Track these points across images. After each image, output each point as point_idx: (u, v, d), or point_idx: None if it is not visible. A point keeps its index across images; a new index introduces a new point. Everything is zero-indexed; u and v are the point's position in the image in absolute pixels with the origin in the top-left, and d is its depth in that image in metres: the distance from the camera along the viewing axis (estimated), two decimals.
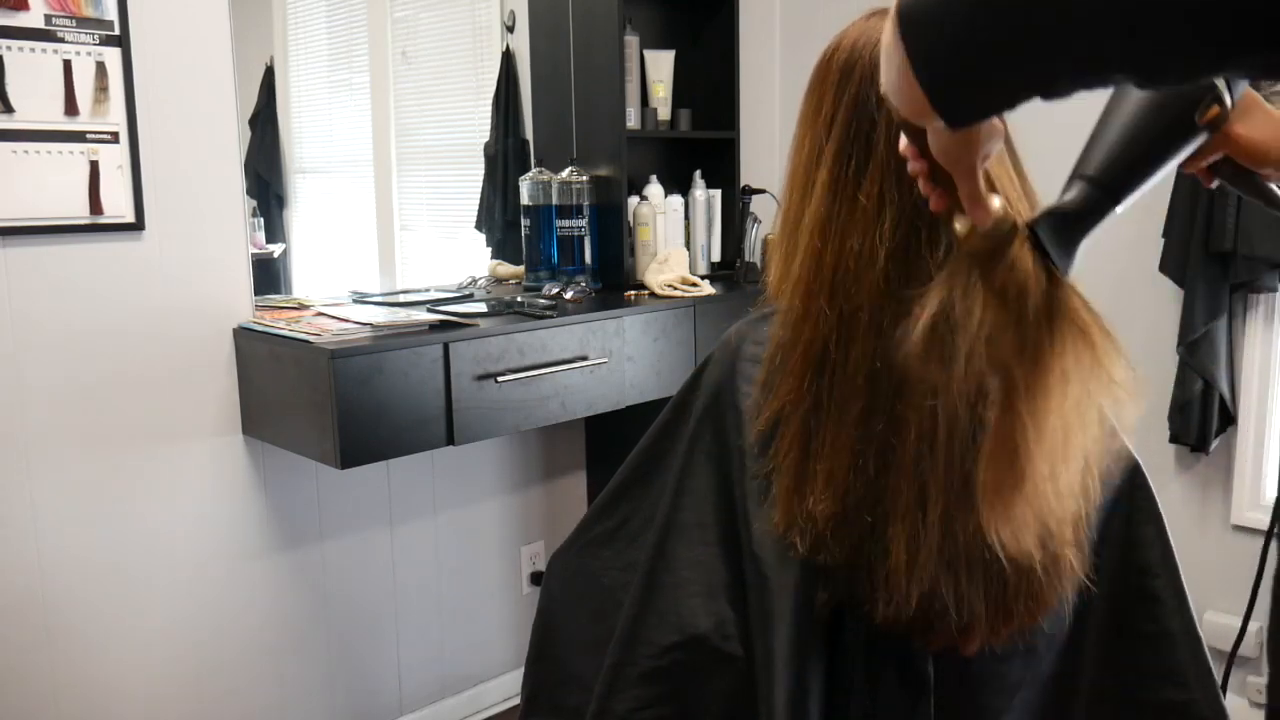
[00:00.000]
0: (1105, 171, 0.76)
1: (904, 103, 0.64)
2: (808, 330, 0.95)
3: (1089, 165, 0.77)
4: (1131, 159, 0.76)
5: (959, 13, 0.56)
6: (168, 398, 2.02)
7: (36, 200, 1.82)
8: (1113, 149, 0.76)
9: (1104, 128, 0.78)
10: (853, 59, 0.94)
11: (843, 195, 0.94)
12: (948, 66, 0.59)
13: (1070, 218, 0.75)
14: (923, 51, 0.59)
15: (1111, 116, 0.78)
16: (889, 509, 0.91)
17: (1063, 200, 0.76)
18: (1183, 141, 0.76)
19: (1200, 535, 2.43)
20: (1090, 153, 0.77)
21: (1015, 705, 1.03)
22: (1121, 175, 0.76)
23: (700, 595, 1.05)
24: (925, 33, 0.59)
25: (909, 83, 0.60)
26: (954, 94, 0.60)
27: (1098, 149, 0.77)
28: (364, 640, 2.42)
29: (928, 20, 0.58)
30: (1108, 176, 0.75)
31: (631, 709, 1.06)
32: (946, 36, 0.58)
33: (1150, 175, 0.76)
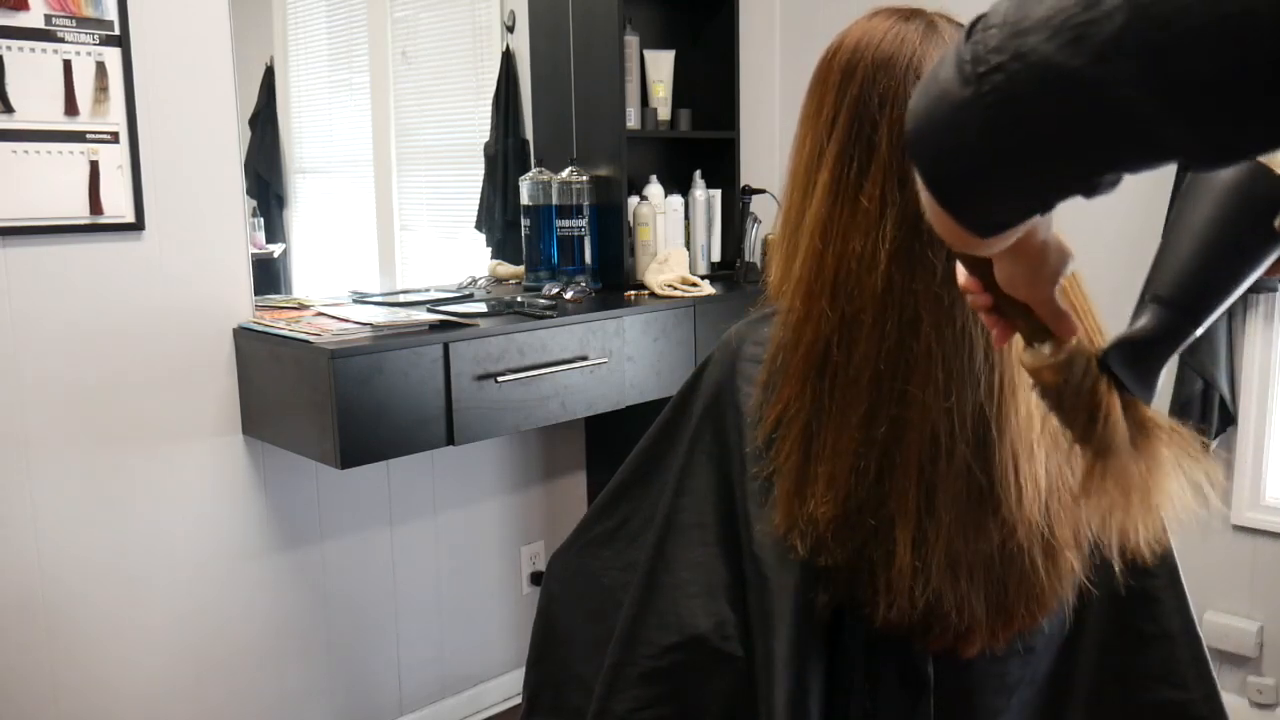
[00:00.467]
0: (1180, 292, 0.69)
1: (942, 230, 0.60)
2: (809, 332, 0.95)
3: (1161, 285, 0.70)
4: (1208, 276, 0.69)
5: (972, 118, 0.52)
6: (168, 398, 2.02)
7: (36, 200, 1.82)
8: (1185, 265, 0.69)
9: (1173, 241, 0.71)
10: (854, 59, 0.93)
11: (844, 197, 0.93)
12: (964, 174, 0.55)
13: (1145, 347, 0.69)
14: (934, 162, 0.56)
15: (1180, 227, 0.71)
16: (894, 512, 0.91)
17: (1135, 327, 0.70)
18: (1262, 251, 0.69)
19: (1200, 535, 2.43)
20: (1160, 270, 0.71)
21: (1014, 705, 1.03)
22: (1198, 294, 0.69)
23: (700, 596, 1.05)
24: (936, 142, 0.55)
25: (933, 204, 0.57)
26: (975, 203, 0.56)
27: (1168, 266, 0.70)
28: (364, 640, 2.42)
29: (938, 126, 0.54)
30: (1184, 297, 0.69)
31: (631, 709, 1.06)
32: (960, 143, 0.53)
33: (1230, 291, 0.69)
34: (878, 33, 0.93)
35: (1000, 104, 0.50)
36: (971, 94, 0.51)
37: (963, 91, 0.51)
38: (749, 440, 1.02)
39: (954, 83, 0.52)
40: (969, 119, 0.52)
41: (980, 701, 1.02)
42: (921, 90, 0.56)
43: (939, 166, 0.55)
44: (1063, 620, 1.03)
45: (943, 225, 0.59)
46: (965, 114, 0.52)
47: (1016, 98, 0.49)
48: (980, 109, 0.51)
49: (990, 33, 0.50)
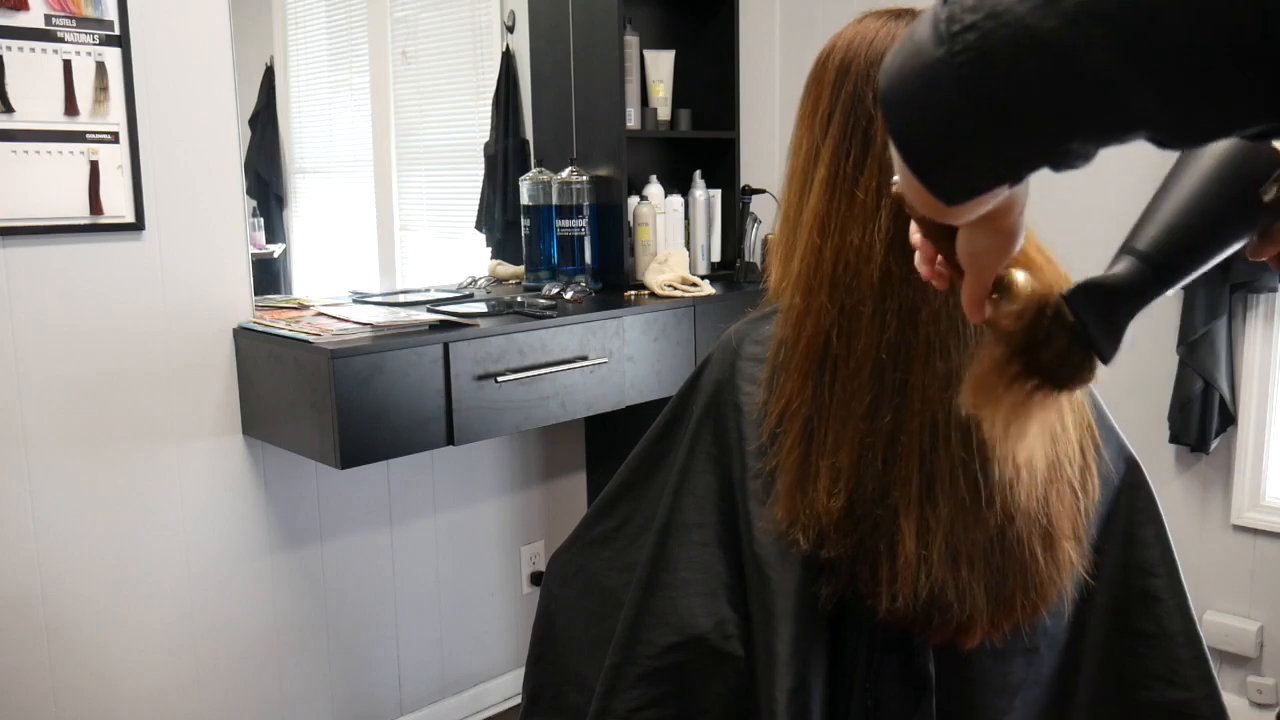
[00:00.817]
0: (1158, 249, 0.69)
1: (911, 193, 0.59)
2: (810, 326, 0.95)
3: (1140, 239, 0.70)
4: (1188, 238, 0.69)
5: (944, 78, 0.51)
6: (168, 398, 2.02)
7: (36, 200, 1.82)
8: (1168, 225, 0.69)
9: (1160, 201, 0.71)
10: (848, 58, 0.95)
11: (841, 191, 0.94)
12: (935, 137, 0.54)
13: (1114, 293, 0.68)
14: (906, 123, 0.55)
15: (1169, 189, 0.72)
16: (897, 501, 0.92)
17: (1108, 274, 0.70)
18: (1246, 224, 0.69)
19: (1200, 535, 2.43)
20: (1143, 227, 0.71)
21: (1017, 705, 1.03)
22: (1175, 255, 0.69)
23: (700, 595, 1.05)
24: (908, 101, 0.54)
25: (903, 166, 0.56)
26: (944, 168, 0.55)
27: (1152, 224, 0.70)
28: (364, 640, 2.42)
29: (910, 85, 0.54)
30: (1160, 255, 0.69)
31: (632, 709, 1.06)
32: (931, 104, 0.52)
33: (1207, 258, 0.70)
34: (870, 31, 0.95)
35: (971, 63, 0.49)
36: (944, 53, 0.50)
37: (935, 50, 0.51)
38: (751, 438, 1.02)
39: (928, 41, 0.51)
40: (940, 77, 0.51)
41: (983, 702, 1.02)
42: (896, 49, 0.55)
43: (909, 126, 0.55)
44: (1066, 620, 1.03)
45: (912, 190, 0.58)
46: (937, 72, 0.51)
47: (988, 57, 0.49)
48: (952, 68, 0.50)
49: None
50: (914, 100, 0.53)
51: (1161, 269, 0.69)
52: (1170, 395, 2.35)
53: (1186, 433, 2.33)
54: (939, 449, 0.91)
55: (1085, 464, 0.98)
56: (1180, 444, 2.37)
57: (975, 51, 0.49)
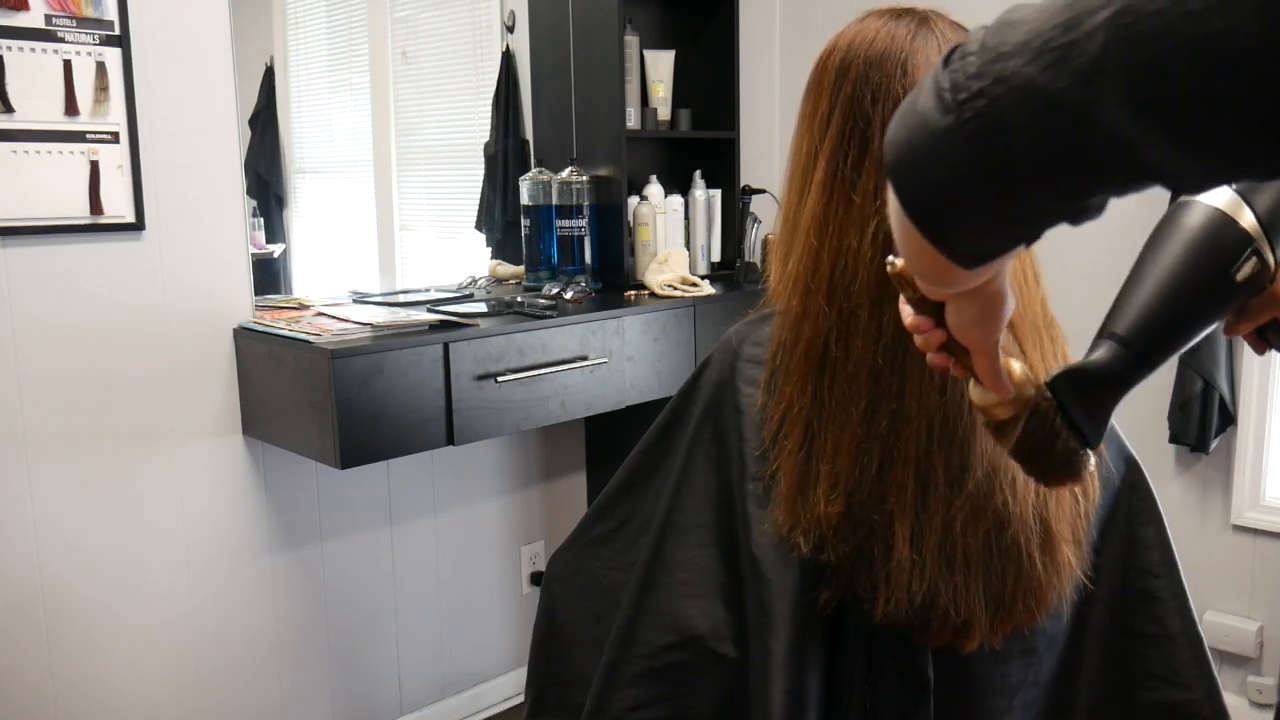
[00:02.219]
0: (1137, 332, 0.70)
1: (918, 263, 0.59)
2: (808, 329, 0.95)
3: (1119, 323, 0.71)
4: (1166, 319, 0.70)
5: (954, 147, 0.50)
6: (168, 398, 2.02)
7: (36, 200, 1.82)
8: (1145, 307, 0.70)
9: (1136, 282, 0.72)
10: (847, 59, 0.95)
11: (839, 193, 0.94)
12: (948, 204, 0.54)
13: (1096, 380, 0.69)
14: (917, 193, 0.54)
15: (1144, 270, 0.72)
16: (893, 506, 0.92)
17: (1089, 360, 0.71)
18: (1221, 302, 0.71)
19: (1200, 535, 2.43)
20: (1120, 309, 0.71)
21: (1016, 706, 1.03)
22: (1154, 337, 0.70)
23: (697, 596, 1.05)
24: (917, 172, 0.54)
25: (913, 234, 0.55)
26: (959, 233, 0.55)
27: (1129, 306, 0.71)
28: (364, 640, 2.42)
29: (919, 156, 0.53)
30: (1140, 338, 0.70)
31: (627, 709, 1.06)
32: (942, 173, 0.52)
33: (1186, 338, 0.71)
34: (869, 32, 0.95)
35: (982, 130, 0.49)
36: (953, 122, 0.50)
37: (943, 120, 0.50)
38: (751, 440, 1.02)
39: (933, 111, 0.51)
40: (951, 147, 0.51)
41: (982, 703, 1.02)
42: (900, 120, 0.55)
43: (922, 197, 0.54)
44: (1064, 620, 1.03)
45: (922, 259, 0.58)
46: (946, 142, 0.51)
47: (999, 123, 0.49)
48: (962, 137, 0.50)
49: (969, 60, 0.50)
50: (925, 170, 0.53)
51: (1143, 353, 0.69)
52: (1170, 395, 2.35)
53: (1186, 433, 2.33)
54: (935, 453, 0.90)
55: None
56: (1180, 444, 2.37)
57: (986, 118, 0.49)
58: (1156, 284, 0.70)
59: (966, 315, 0.66)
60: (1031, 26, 0.47)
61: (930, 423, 0.90)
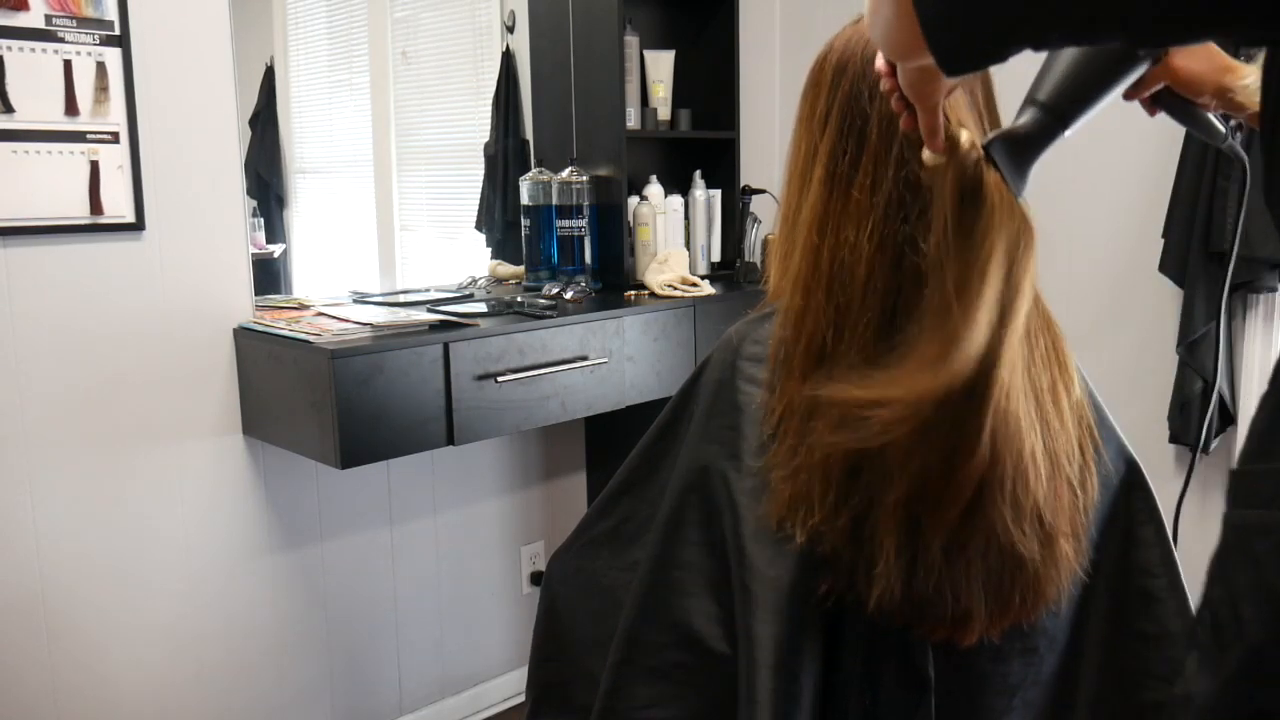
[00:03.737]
0: (1055, 97, 0.81)
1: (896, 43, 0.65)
2: (809, 324, 0.96)
3: (1040, 91, 0.82)
4: (1079, 86, 0.81)
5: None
6: (168, 398, 2.02)
7: (36, 200, 1.82)
8: (1062, 77, 0.81)
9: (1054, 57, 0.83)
10: (844, 59, 0.96)
11: (838, 189, 0.95)
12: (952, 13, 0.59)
13: (1022, 140, 0.81)
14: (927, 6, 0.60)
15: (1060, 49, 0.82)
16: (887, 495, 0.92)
17: (1015, 124, 0.82)
18: (1126, 70, 0.82)
19: (1200, 535, 2.43)
20: (1041, 80, 0.83)
21: (1016, 705, 1.03)
22: (1070, 101, 0.81)
23: (698, 596, 1.05)
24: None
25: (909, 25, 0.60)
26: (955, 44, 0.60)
27: (1048, 77, 0.82)
28: (364, 640, 2.42)
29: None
30: (1057, 102, 0.81)
31: (636, 707, 1.06)
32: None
33: (1096, 101, 0.82)
34: (866, 32, 0.96)
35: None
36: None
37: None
38: (751, 438, 1.02)
39: None
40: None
41: (984, 702, 1.02)
42: None
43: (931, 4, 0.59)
44: (1065, 620, 1.03)
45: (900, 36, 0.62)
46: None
47: None
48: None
49: None
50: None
51: (1061, 114, 0.81)
52: (1170, 395, 2.35)
53: (1186, 433, 2.33)
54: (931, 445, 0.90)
55: (1084, 462, 0.98)
56: (1180, 444, 2.37)
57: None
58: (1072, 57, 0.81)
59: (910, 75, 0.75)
60: None
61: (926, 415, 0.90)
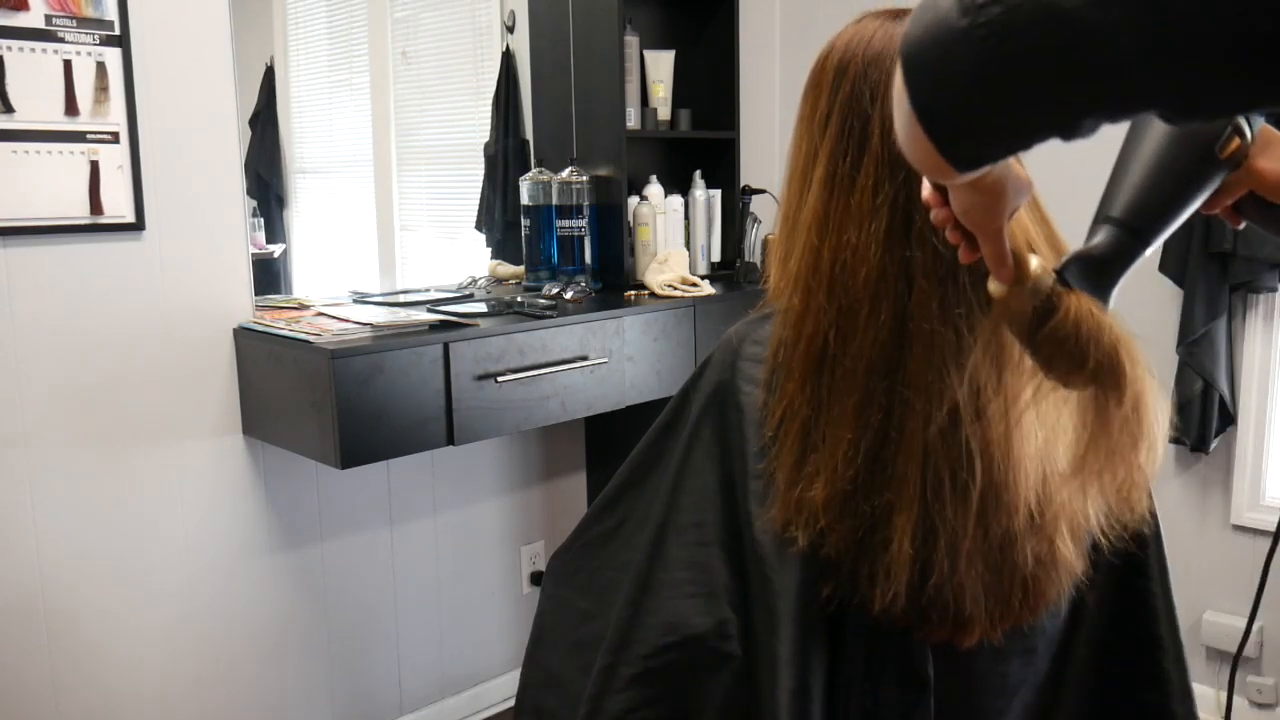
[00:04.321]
0: (1131, 213, 0.74)
1: (916, 154, 0.61)
2: (809, 326, 0.95)
3: (1114, 207, 0.75)
4: (1155, 199, 0.74)
5: (967, 50, 0.52)
6: (168, 398, 2.02)
7: (36, 200, 1.82)
8: (1136, 189, 0.74)
9: (1124, 167, 0.76)
10: (845, 59, 0.95)
11: (839, 190, 0.94)
12: (953, 106, 0.55)
13: (1099, 263, 0.73)
14: (926, 91, 0.56)
15: (1131, 155, 0.76)
16: (893, 499, 0.92)
17: (1090, 245, 0.75)
18: (1206, 178, 0.75)
19: (1200, 535, 2.43)
20: (1113, 194, 0.76)
21: (1016, 706, 1.03)
22: (1148, 216, 0.74)
23: (697, 596, 1.05)
24: (929, 70, 0.55)
25: (916, 129, 0.57)
26: (960, 136, 0.57)
27: (1121, 190, 0.75)
28: (364, 640, 2.42)
29: (932, 54, 0.55)
30: (1134, 218, 0.74)
31: (625, 709, 1.06)
32: (952, 74, 0.54)
33: (1177, 215, 0.75)
34: (867, 32, 0.96)
35: (995, 36, 0.50)
36: (968, 25, 0.51)
37: (959, 21, 0.52)
38: (752, 439, 1.02)
39: (952, 12, 0.52)
40: (964, 50, 0.52)
41: (982, 702, 1.02)
42: (918, 17, 0.56)
43: (929, 94, 0.56)
44: (1061, 621, 1.03)
45: (919, 152, 0.60)
46: (960, 45, 0.52)
47: (1012, 33, 0.50)
48: (976, 41, 0.51)
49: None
50: (934, 69, 0.55)
51: (1139, 232, 0.74)
52: (1170, 395, 2.35)
53: (1186, 433, 2.33)
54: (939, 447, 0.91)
55: None
56: (1180, 444, 2.37)
57: (999, 25, 0.50)
58: (1145, 168, 0.74)
59: (964, 202, 0.69)
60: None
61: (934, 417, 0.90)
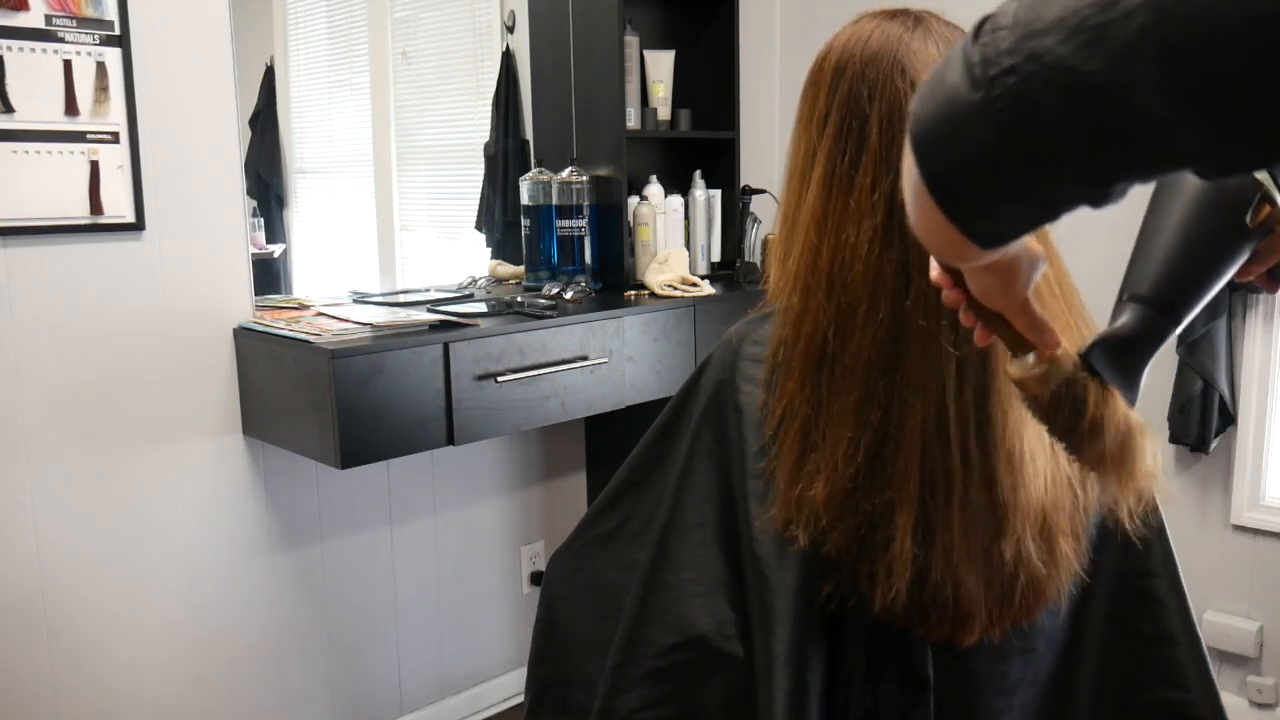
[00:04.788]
0: (1158, 290, 0.70)
1: (932, 236, 0.57)
2: (808, 325, 0.96)
3: (1139, 284, 0.71)
4: (1185, 273, 0.69)
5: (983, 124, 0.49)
6: (168, 398, 2.02)
7: (36, 200, 1.82)
8: (1163, 264, 0.70)
9: (1148, 240, 0.72)
10: (843, 59, 0.96)
11: (838, 190, 0.95)
12: (973, 183, 0.52)
13: (1126, 346, 0.69)
14: (942, 171, 0.52)
15: (1154, 228, 0.72)
16: (893, 497, 0.92)
17: (1116, 326, 0.71)
18: (1237, 249, 0.70)
19: (1200, 535, 2.43)
20: (1138, 269, 0.72)
21: (1015, 705, 1.03)
22: (1176, 292, 0.70)
23: (701, 595, 1.05)
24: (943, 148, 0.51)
25: (932, 210, 0.54)
26: (981, 214, 0.53)
27: (1146, 265, 0.71)
28: (364, 640, 2.42)
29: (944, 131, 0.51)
30: (1162, 295, 0.70)
31: (634, 709, 1.06)
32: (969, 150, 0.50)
33: (1208, 289, 0.70)
34: (865, 32, 0.96)
35: (1013, 108, 0.48)
36: (982, 98, 0.48)
37: (972, 95, 0.49)
38: (751, 439, 1.02)
39: (963, 86, 0.49)
40: (979, 124, 0.49)
41: (981, 701, 1.02)
42: (927, 94, 0.53)
43: (945, 172, 0.52)
44: (1064, 620, 1.03)
45: (938, 234, 0.56)
46: (975, 118, 0.49)
47: (1030, 102, 0.47)
48: (992, 113, 0.48)
49: (1000, 34, 0.48)
50: (950, 145, 0.51)
51: (1169, 310, 0.69)
52: (1170, 395, 2.35)
53: (1186, 433, 2.33)
54: (938, 445, 0.91)
55: None
56: (1180, 444, 2.37)
57: (1015, 95, 0.47)
58: (1171, 241, 0.70)
59: (983, 284, 0.65)
60: (1067, 2, 0.46)
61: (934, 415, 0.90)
